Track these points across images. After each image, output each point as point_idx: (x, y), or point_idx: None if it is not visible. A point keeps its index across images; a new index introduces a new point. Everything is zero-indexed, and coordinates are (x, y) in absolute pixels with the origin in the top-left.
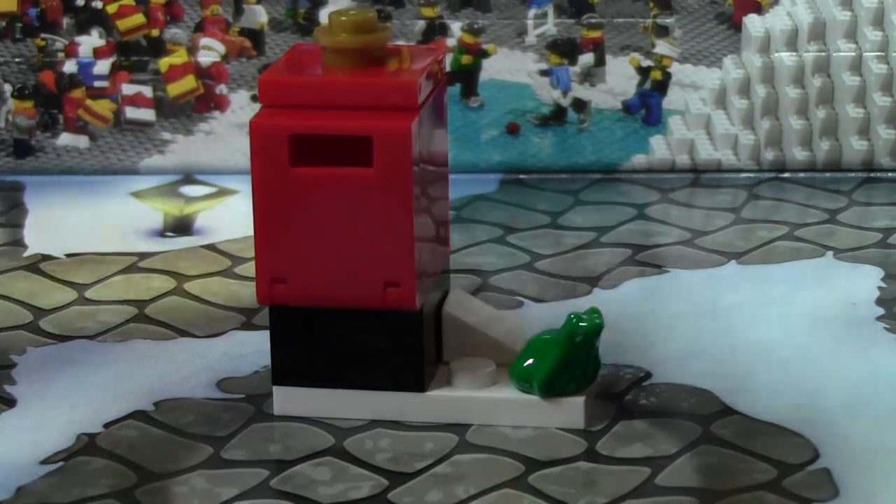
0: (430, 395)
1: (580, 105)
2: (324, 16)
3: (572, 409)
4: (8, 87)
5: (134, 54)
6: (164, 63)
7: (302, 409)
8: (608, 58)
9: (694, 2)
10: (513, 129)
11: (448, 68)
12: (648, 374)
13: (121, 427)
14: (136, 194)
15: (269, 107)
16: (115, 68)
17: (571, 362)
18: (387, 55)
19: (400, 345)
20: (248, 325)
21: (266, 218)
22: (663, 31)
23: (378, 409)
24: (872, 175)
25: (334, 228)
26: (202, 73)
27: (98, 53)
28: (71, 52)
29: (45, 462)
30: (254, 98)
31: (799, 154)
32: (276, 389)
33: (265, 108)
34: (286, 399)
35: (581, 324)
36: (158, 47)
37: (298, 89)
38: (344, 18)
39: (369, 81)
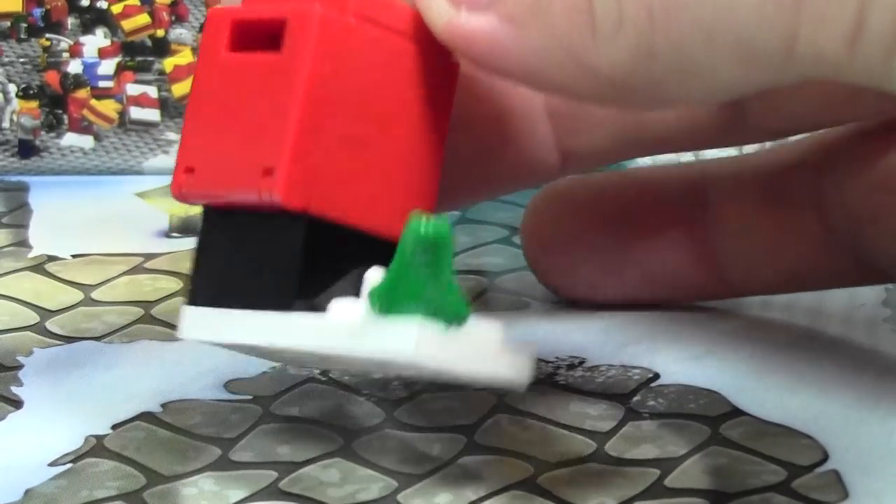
0: (290, 316)
1: None
2: None
3: (401, 333)
4: (12, 88)
5: (139, 54)
6: (168, 63)
7: (203, 333)
8: None
9: None
10: None
11: None
12: (657, 376)
13: (129, 428)
14: (142, 195)
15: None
16: (119, 68)
17: (409, 276)
18: None
19: (278, 256)
20: None
21: (194, 105)
22: None
23: (257, 331)
24: None
25: (239, 115)
26: None
27: (103, 54)
28: (75, 52)
29: (53, 464)
30: None
31: None
32: (184, 310)
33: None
34: (192, 322)
35: (412, 231)
36: (163, 47)
37: None
38: None
39: None
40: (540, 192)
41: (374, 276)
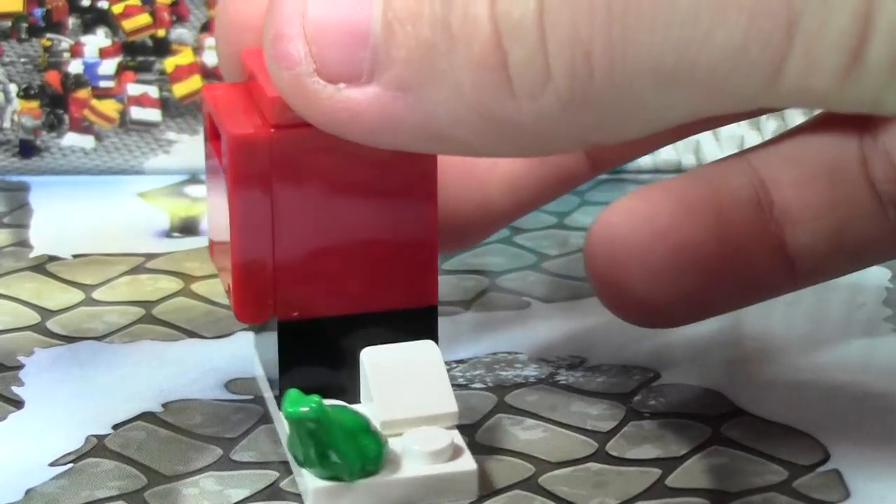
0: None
1: None
2: None
3: (305, 489)
4: (13, 88)
5: (139, 54)
6: (169, 63)
7: None
8: None
9: None
10: None
11: None
12: (657, 375)
13: (129, 428)
14: (142, 195)
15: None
16: (120, 68)
17: (298, 445)
18: None
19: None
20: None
21: (207, 175)
22: None
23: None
24: None
25: (219, 210)
26: (208, 74)
27: (103, 53)
28: (76, 52)
29: (53, 464)
30: None
31: None
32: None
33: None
34: None
35: (288, 409)
36: (164, 47)
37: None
38: None
39: (265, 94)
40: (600, 225)
41: (366, 357)
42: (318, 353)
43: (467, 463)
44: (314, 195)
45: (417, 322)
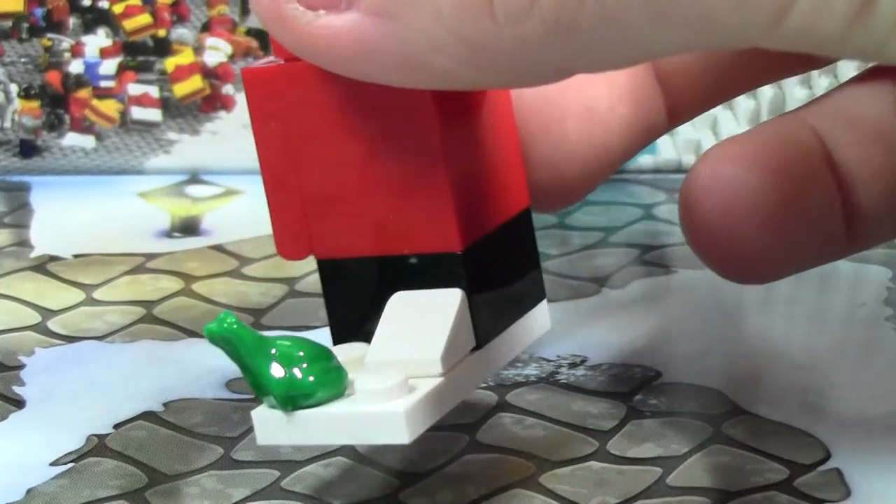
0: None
1: None
2: None
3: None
4: (14, 87)
5: (140, 54)
6: (170, 63)
7: None
8: None
9: None
10: None
11: None
12: (658, 374)
13: (130, 428)
14: (143, 195)
15: None
16: (121, 68)
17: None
18: None
19: None
20: (256, 326)
21: None
22: None
23: None
24: None
25: None
26: (209, 74)
27: (104, 53)
28: (77, 52)
29: (54, 463)
30: None
31: None
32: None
33: None
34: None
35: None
36: (165, 47)
37: None
38: None
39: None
40: (698, 177)
41: (391, 301)
42: (358, 296)
43: (397, 405)
44: (329, 129)
45: (446, 269)
